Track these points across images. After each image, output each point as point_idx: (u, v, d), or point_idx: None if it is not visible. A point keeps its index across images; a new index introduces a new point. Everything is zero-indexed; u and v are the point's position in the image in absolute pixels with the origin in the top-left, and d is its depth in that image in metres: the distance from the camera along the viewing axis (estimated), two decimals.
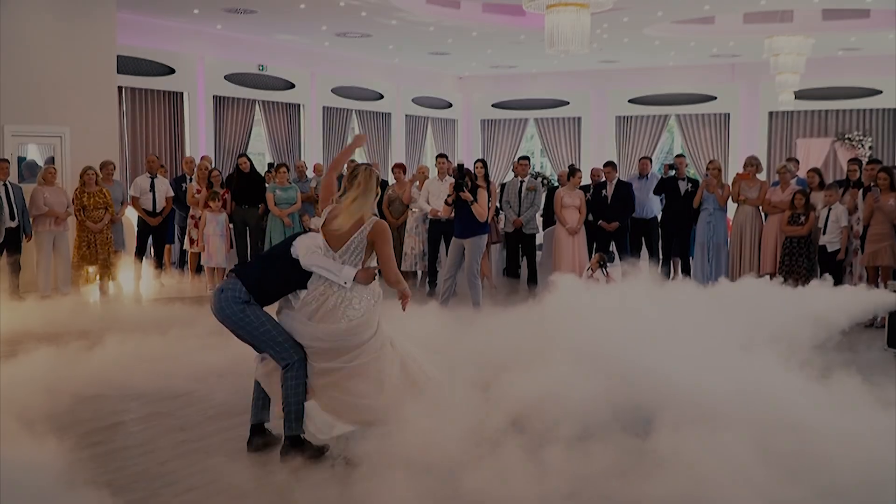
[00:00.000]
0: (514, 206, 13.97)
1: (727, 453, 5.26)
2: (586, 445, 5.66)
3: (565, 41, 12.70)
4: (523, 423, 5.98)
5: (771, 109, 22.42)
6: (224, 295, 5.80)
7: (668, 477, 5.14)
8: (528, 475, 5.33)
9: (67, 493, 5.17)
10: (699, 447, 5.32)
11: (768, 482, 5.09)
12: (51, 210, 12.81)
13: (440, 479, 5.30)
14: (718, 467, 5.16)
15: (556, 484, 5.23)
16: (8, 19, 13.46)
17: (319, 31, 18.48)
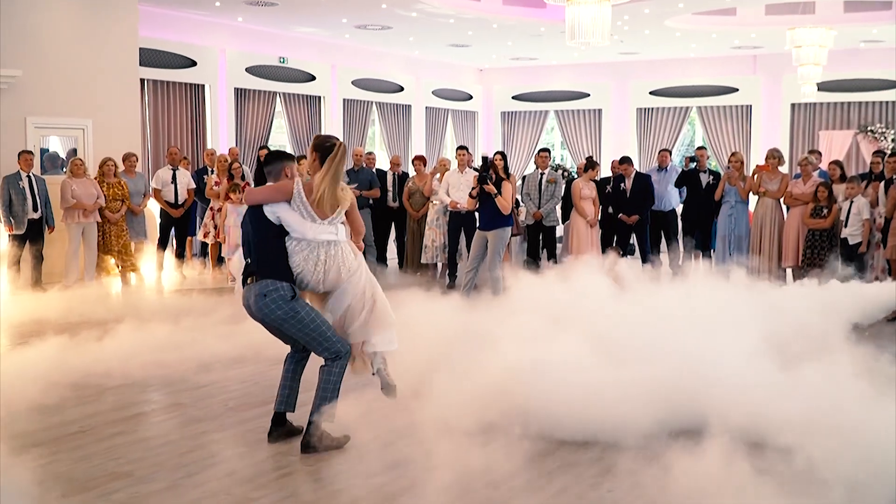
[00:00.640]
0: (535, 198, 13.94)
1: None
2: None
3: (586, 33, 12.71)
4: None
5: (793, 101, 22.28)
6: (270, 297, 5.71)
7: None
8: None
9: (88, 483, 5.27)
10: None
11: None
12: (78, 202, 12.87)
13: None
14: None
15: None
16: (31, 12, 13.57)
17: (340, 24, 18.49)
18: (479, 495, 5.09)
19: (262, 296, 5.72)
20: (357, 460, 5.70)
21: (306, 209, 5.77)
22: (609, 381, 6.11)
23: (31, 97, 13.53)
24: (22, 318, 10.78)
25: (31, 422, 6.54)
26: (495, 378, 6.35)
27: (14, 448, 5.88)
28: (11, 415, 6.65)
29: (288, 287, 5.72)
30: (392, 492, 5.16)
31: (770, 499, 4.92)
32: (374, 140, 23.03)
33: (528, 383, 6.18)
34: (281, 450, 5.91)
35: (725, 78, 23.15)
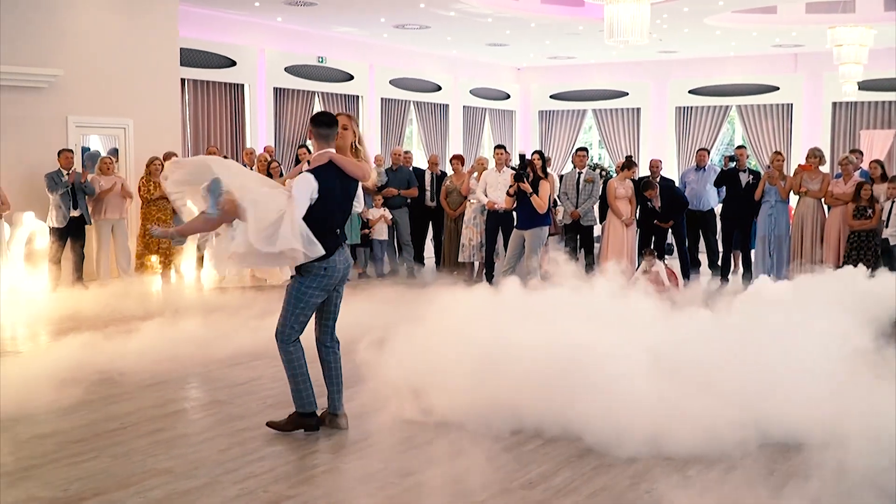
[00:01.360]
0: (572, 197, 13.88)
1: None
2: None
3: (625, 31, 12.66)
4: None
5: (834, 100, 22.07)
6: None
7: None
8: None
9: (127, 479, 5.32)
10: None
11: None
12: (102, 191, 13.07)
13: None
14: None
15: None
16: (73, 12, 13.70)
17: (378, 23, 18.55)
18: (515, 495, 5.09)
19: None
20: (394, 459, 5.71)
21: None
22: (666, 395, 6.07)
23: (72, 96, 13.64)
24: (63, 314, 10.91)
25: (72, 418, 6.60)
26: (529, 378, 6.33)
27: (56, 444, 5.97)
28: (53, 411, 6.74)
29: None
30: (428, 490, 5.16)
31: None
32: (411, 139, 23.07)
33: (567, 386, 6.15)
34: (318, 448, 5.92)
35: (766, 76, 22.98)
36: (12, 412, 6.62)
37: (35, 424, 6.43)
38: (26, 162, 13.00)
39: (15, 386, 7.28)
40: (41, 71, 13.17)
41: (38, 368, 7.96)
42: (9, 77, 12.81)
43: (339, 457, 5.76)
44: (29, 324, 10.79)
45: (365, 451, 5.88)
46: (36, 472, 5.48)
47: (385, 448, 5.92)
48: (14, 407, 6.73)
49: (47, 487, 5.20)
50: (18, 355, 8.70)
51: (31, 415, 6.63)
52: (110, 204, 13.26)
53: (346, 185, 6.05)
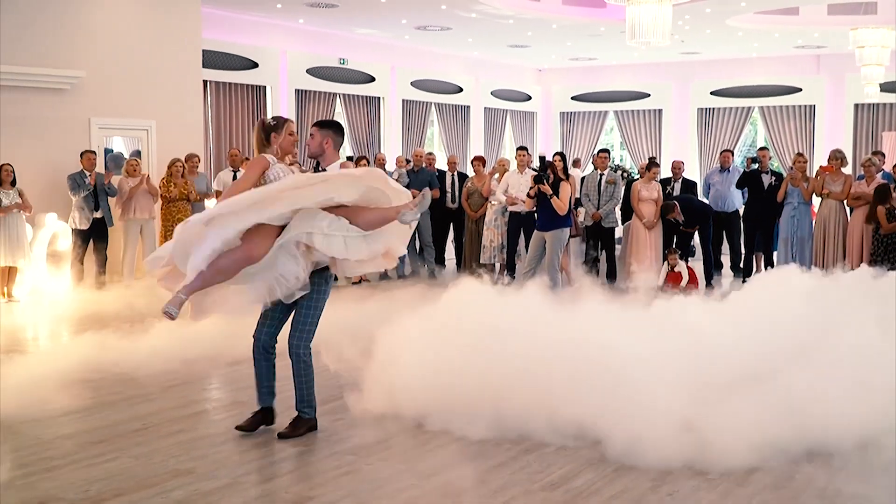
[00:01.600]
0: (594, 199, 13.82)
1: None
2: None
3: (646, 33, 12.63)
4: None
5: (856, 102, 21.96)
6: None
7: None
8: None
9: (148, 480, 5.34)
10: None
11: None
12: (131, 190, 13.16)
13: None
14: None
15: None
16: (96, 14, 13.77)
17: (399, 25, 18.57)
18: (536, 497, 5.08)
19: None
20: (416, 460, 5.72)
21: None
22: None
23: (94, 98, 13.69)
24: (84, 314, 10.97)
25: (93, 419, 6.63)
26: (551, 384, 6.31)
27: (77, 445, 6.02)
28: (74, 412, 6.78)
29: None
30: (451, 491, 5.18)
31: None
32: (432, 141, 23.10)
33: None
34: (340, 449, 5.92)
35: (788, 78, 22.86)
36: (33, 412, 6.66)
37: (56, 425, 6.47)
38: (49, 163, 13.06)
39: (36, 386, 7.33)
40: (64, 72, 13.24)
41: (60, 369, 8.00)
42: (32, 78, 12.89)
43: (360, 458, 5.74)
44: (51, 324, 10.87)
45: (387, 452, 5.87)
46: (57, 472, 5.48)
47: (407, 449, 5.92)
48: (35, 407, 6.77)
49: (68, 488, 5.20)
50: (40, 355, 8.73)
51: (51, 415, 6.67)
52: (139, 204, 13.32)
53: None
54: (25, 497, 5.08)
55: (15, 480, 5.32)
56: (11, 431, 6.26)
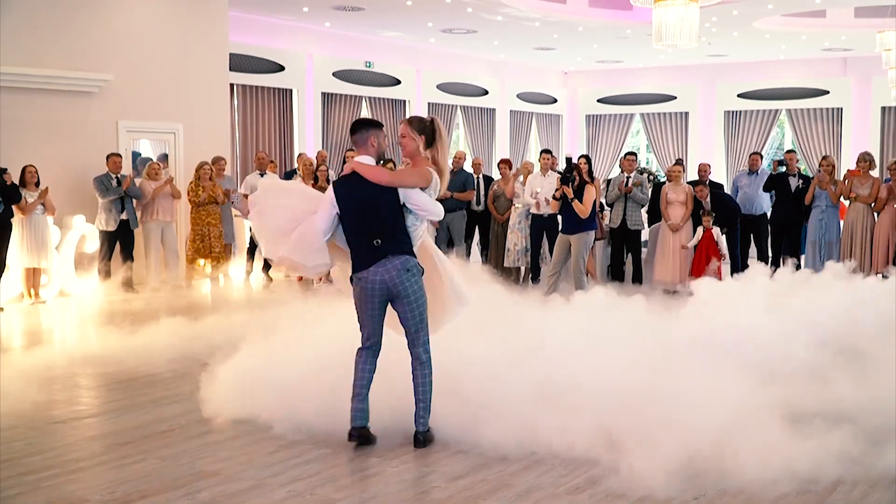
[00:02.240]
0: (620, 202, 13.73)
1: None
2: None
3: (673, 35, 12.57)
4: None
5: (883, 105, 21.85)
6: (413, 272, 5.90)
7: None
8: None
9: (175, 482, 5.35)
10: None
11: None
12: (154, 192, 13.24)
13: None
14: None
15: None
16: (123, 17, 13.86)
17: (425, 28, 18.61)
18: (561, 500, 5.06)
19: (406, 270, 5.84)
20: (442, 462, 5.70)
21: (437, 192, 6.00)
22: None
23: (122, 101, 13.78)
24: (113, 316, 11.00)
25: (120, 420, 6.65)
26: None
27: (103, 446, 6.06)
28: (102, 413, 6.82)
29: (417, 262, 5.94)
30: (476, 494, 5.16)
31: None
32: (458, 143, 23.02)
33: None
34: (365, 451, 5.89)
35: (816, 80, 22.77)
36: (59, 414, 6.71)
37: (83, 427, 6.50)
38: (77, 166, 13.16)
39: (62, 388, 7.37)
40: (92, 76, 13.34)
41: (86, 370, 8.07)
42: (60, 81, 13.00)
43: (385, 460, 5.72)
44: (77, 325, 10.93)
45: (412, 454, 5.85)
46: (83, 474, 5.50)
47: (431, 452, 5.88)
48: (61, 409, 6.82)
49: (94, 490, 5.22)
50: (66, 357, 8.75)
51: (78, 417, 6.71)
52: (161, 206, 13.39)
53: (369, 194, 5.83)
54: (52, 498, 5.09)
55: (41, 482, 5.33)
56: (38, 432, 6.29)
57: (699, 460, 5.40)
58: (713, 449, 5.47)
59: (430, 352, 5.99)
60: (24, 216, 11.99)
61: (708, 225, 12.76)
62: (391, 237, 5.85)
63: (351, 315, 6.10)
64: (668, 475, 5.18)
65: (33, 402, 6.87)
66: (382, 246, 5.83)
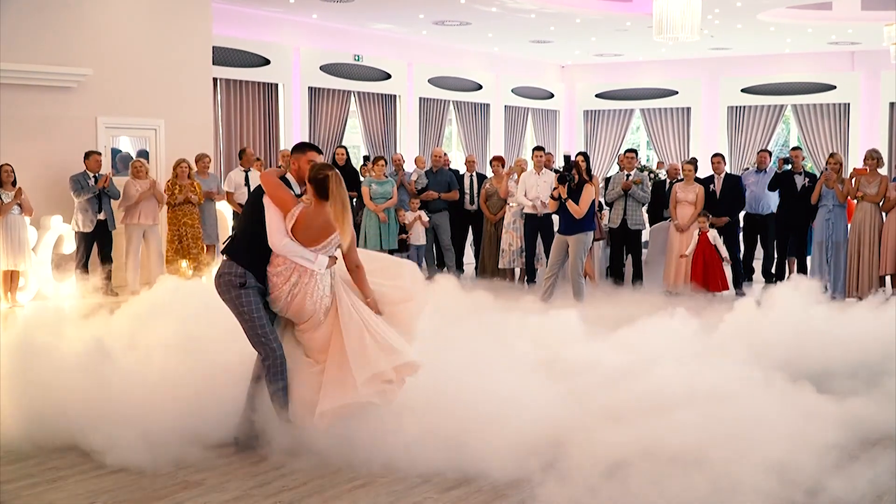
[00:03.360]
0: (619, 201, 13.43)
1: None
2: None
3: (675, 27, 12.62)
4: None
5: (892, 100, 21.76)
6: (224, 279, 5.95)
7: None
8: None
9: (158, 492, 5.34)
10: None
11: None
12: (140, 196, 12.94)
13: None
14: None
15: None
16: (103, 10, 13.66)
17: (417, 20, 18.54)
18: None
19: (219, 276, 6.00)
20: (432, 474, 5.57)
21: (334, 248, 6.00)
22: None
23: (101, 97, 13.57)
24: (92, 320, 10.66)
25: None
26: None
27: (84, 455, 5.93)
28: (84, 424, 6.47)
29: (242, 273, 5.90)
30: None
31: None
32: (451, 140, 23.24)
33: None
34: (353, 462, 5.74)
35: (822, 75, 22.70)
36: (39, 423, 6.49)
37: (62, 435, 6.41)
38: (54, 164, 12.94)
39: (42, 395, 7.01)
40: (70, 70, 13.12)
41: (66, 377, 7.61)
42: (37, 76, 12.78)
43: (378, 472, 5.62)
44: (56, 330, 10.55)
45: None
46: (62, 483, 5.52)
47: (423, 462, 5.69)
48: (41, 417, 6.60)
49: (75, 499, 5.24)
50: (45, 363, 8.42)
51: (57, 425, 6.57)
52: (144, 209, 13.08)
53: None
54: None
55: (21, 491, 5.37)
56: (17, 441, 6.20)
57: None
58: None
59: (273, 350, 5.99)
60: (0, 217, 11.73)
61: (704, 227, 12.64)
62: (236, 239, 6.19)
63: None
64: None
65: (10, 411, 6.61)
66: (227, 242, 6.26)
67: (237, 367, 6.32)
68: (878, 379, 7.16)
